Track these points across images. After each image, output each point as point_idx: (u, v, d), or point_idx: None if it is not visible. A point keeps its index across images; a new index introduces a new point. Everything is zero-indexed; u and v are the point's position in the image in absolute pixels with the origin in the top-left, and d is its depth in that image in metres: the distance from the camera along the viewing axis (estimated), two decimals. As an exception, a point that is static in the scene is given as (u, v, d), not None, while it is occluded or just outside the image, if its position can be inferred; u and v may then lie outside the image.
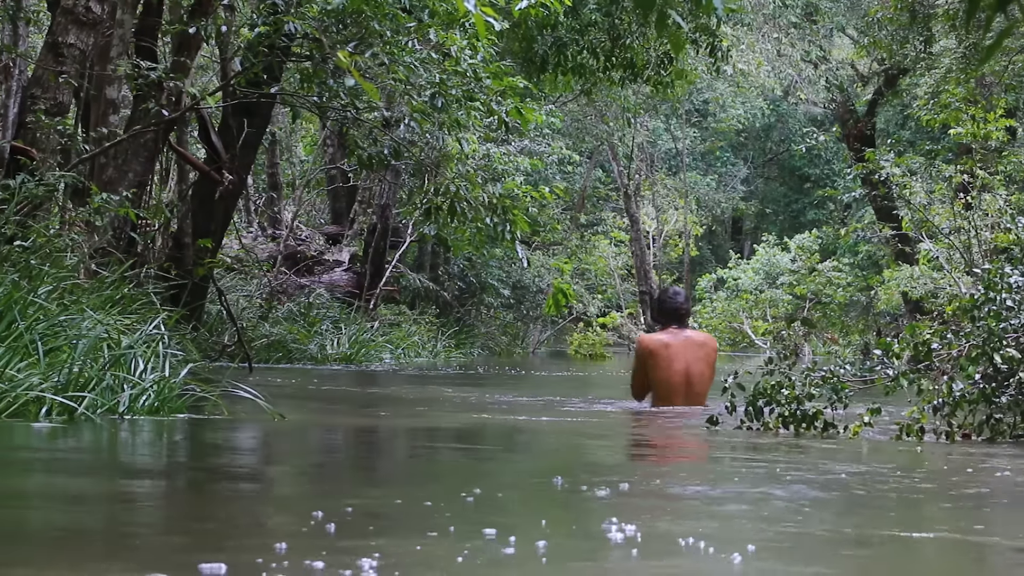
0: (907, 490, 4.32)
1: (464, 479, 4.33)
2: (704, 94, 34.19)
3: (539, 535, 2.98)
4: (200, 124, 12.37)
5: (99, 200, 8.34)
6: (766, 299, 30.62)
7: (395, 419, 7.42)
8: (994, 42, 3.00)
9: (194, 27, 9.69)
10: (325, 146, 21.96)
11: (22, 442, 5.04)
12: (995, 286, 6.56)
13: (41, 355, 5.91)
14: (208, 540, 2.97)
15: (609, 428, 7.23)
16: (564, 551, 2.87)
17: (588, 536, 3.11)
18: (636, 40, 14.53)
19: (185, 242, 12.02)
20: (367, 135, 9.85)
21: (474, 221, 10.04)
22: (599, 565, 2.79)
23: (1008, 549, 3.22)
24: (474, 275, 22.44)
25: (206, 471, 4.61)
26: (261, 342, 13.54)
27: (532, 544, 2.84)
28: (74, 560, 2.67)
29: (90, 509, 3.46)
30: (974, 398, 6.18)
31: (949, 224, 12.82)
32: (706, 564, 2.77)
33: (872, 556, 3.03)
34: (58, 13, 8.99)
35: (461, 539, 2.93)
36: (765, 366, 6.51)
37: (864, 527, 3.41)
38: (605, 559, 2.83)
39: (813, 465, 4.98)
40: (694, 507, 3.78)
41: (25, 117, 8.86)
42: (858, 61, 23.69)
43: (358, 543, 2.84)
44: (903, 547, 3.13)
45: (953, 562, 3.03)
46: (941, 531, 3.46)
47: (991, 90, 15.59)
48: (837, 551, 3.05)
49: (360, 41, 8.71)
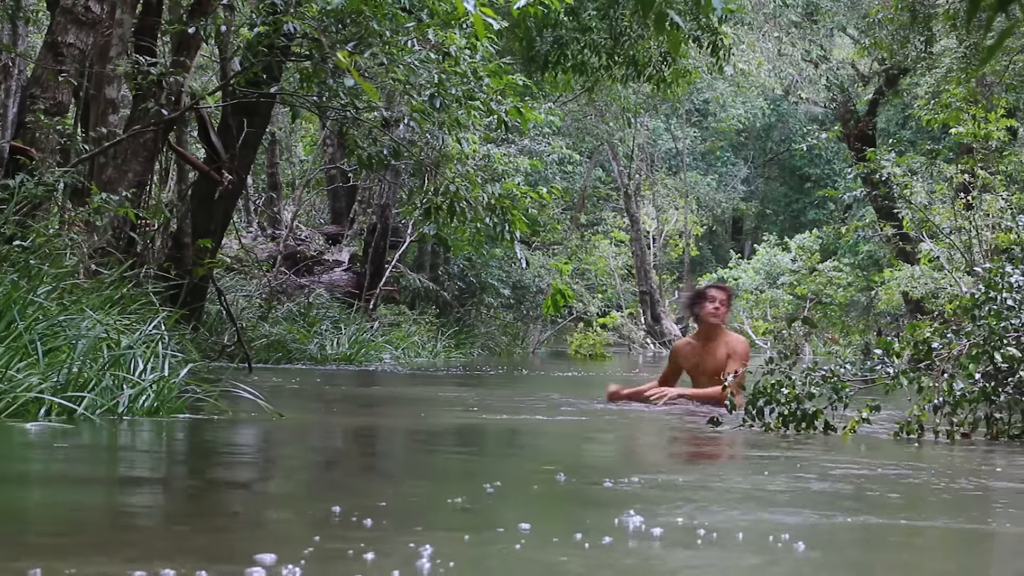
0: (912, 486, 4.33)
1: (478, 476, 4.39)
2: (704, 94, 34.17)
3: (574, 527, 3.05)
4: (200, 124, 12.35)
5: (98, 200, 8.32)
6: (766, 299, 30.61)
7: (401, 418, 7.41)
8: (995, 42, 2.99)
9: (193, 27, 9.68)
10: (325, 146, 21.96)
11: (21, 444, 5.03)
12: (996, 285, 6.55)
13: (40, 355, 5.89)
14: (243, 533, 3.02)
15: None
16: (598, 541, 2.94)
17: (618, 529, 3.15)
18: (637, 40, 14.51)
19: (185, 242, 12.01)
20: (367, 135, 9.84)
21: (474, 221, 10.02)
22: (635, 554, 2.86)
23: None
24: (474, 275, 22.42)
25: (226, 467, 4.61)
26: (261, 342, 13.52)
27: (571, 535, 2.92)
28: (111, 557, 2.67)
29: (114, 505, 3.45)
30: (974, 397, 6.17)
31: (950, 224, 12.81)
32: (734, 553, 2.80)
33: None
34: (57, 12, 8.98)
35: (495, 532, 3.00)
36: (765, 365, 6.50)
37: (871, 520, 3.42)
38: (642, 550, 2.90)
39: (816, 462, 4.97)
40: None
41: (24, 117, 8.85)
42: (859, 61, 23.68)
43: (398, 536, 2.89)
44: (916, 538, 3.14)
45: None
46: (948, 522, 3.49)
47: (992, 90, 15.57)
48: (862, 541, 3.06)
49: (359, 41, 8.69)
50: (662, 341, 31.41)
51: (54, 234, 7.85)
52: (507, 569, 2.66)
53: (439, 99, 9.06)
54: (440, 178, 10.08)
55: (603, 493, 3.86)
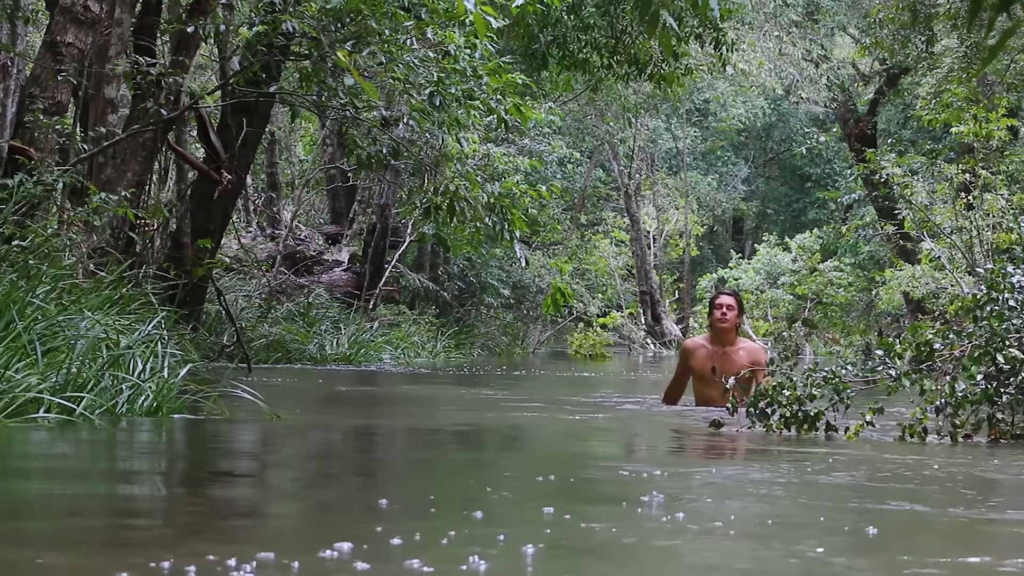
0: (915, 483, 4.31)
1: (492, 473, 4.43)
2: (705, 93, 34.14)
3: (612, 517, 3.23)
4: (199, 123, 12.33)
5: (97, 200, 8.30)
6: (767, 299, 30.58)
7: (401, 419, 7.38)
8: (998, 42, 2.96)
9: (192, 26, 9.65)
10: (324, 145, 21.93)
11: (20, 445, 5.01)
12: (997, 286, 6.53)
13: (39, 355, 5.87)
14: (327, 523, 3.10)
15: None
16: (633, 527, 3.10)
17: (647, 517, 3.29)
18: (638, 38, 14.47)
19: (184, 242, 11.98)
20: (366, 134, 9.81)
21: (473, 220, 9.99)
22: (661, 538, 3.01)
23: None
24: (474, 275, 22.39)
25: (222, 466, 4.59)
26: (260, 342, 13.50)
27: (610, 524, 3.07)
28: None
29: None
30: (976, 398, 6.15)
31: (951, 224, 12.78)
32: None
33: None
34: (56, 12, 8.95)
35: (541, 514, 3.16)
36: (767, 367, 6.47)
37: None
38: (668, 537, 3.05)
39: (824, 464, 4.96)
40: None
41: (23, 116, 8.82)
42: (859, 60, 23.65)
43: (458, 525, 2.98)
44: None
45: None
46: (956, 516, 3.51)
47: (993, 89, 15.55)
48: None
49: (358, 40, 8.66)
50: (662, 341, 31.38)
51: (53, 234, 7.82)
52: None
53: (438, 98, 9.04)
54: (440, 177, 10.06)
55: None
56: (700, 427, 6.71)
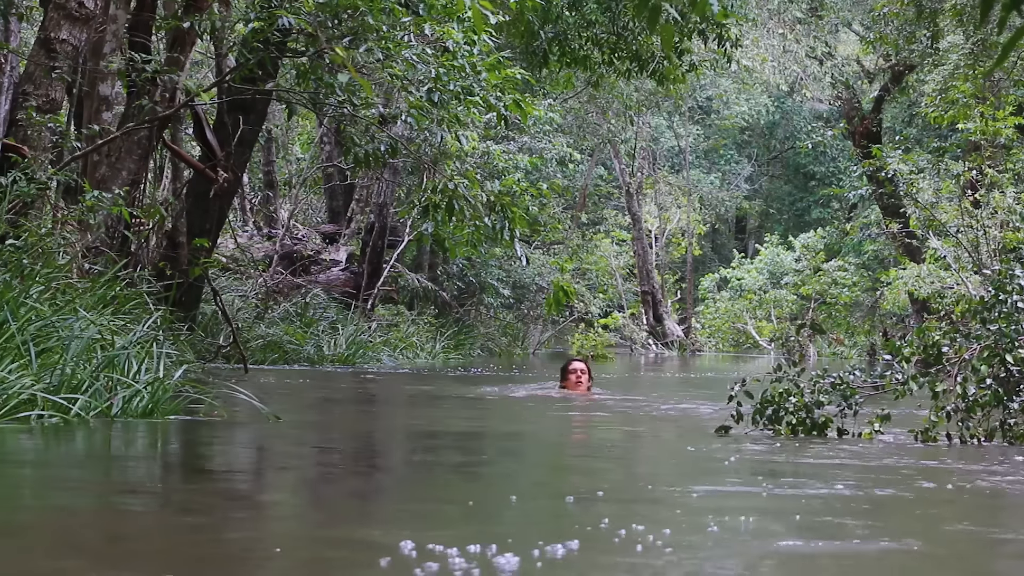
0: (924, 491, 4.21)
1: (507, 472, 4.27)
2: (708, 91, 34.02)
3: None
4: (195, 121, 12.22)
5: (92, 198, 8.22)
6: (770, 299, 30.48)
7: (402, 418, 7.28)
8: (1009, 40, 2.83)
9: (188, 22, 9.55)
10: (322, 144, 21.82)
11: (12, 448, 4.91)
12: (1005, 287, 6.42)
13: (33, 356, 5.80)
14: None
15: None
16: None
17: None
18: (640, 33, 14.34)
19: (180, 241, 11.87)
20: (364, 132, 9.68)
21: (472, 219, 9.86)
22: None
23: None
24: (473, 275, 22.28)
25: (218, 472, 4.48)
26: (257, 343, 13.40)
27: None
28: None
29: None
30: (987, 401, 6.04)
31: (957, 222, 12.66)
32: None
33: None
34: (50, 8, 8.86)
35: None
36: (773, 373, 6.36)
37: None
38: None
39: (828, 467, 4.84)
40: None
41: (16, 114, 8.74)
42: (864, 57, 23.53)
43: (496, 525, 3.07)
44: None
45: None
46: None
47: (999, 86, 15.41)
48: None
49: (355, 36, 8.54)
50: (664, 342, 31.26)
51: (47, 233, 7.74)
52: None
53: (437, 95, 8.92)
54: (439, 176, 9.94)
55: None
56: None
